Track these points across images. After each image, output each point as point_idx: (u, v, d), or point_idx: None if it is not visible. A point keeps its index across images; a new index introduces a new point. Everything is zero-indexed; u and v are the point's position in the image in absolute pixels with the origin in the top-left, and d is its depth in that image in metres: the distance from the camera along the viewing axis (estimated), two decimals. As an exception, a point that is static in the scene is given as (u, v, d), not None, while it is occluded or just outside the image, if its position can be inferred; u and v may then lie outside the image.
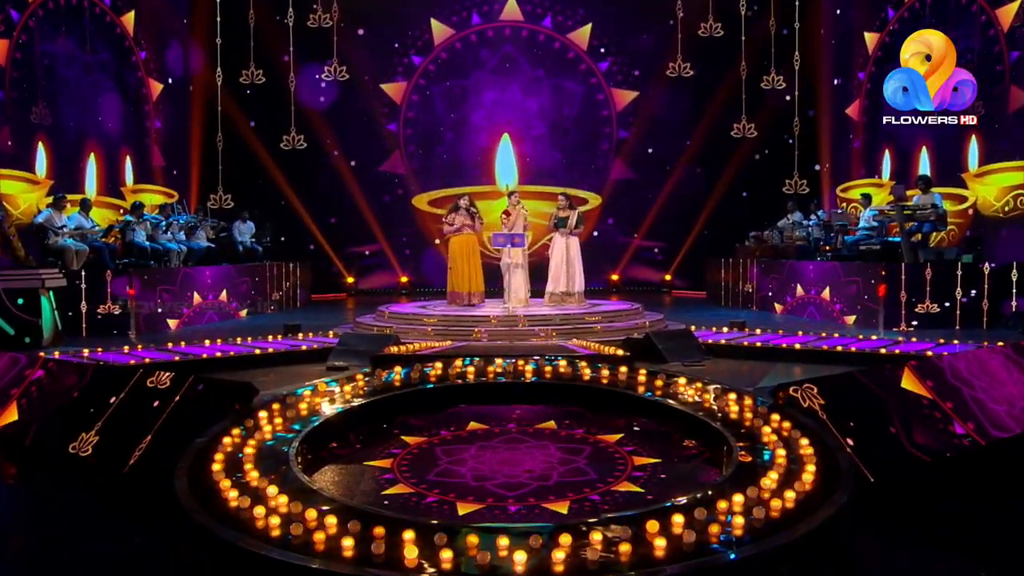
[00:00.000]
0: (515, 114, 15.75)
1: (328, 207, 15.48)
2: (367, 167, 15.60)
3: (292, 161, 14.97)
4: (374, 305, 10.21)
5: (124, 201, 12.14)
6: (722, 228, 14.90)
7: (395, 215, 15.85)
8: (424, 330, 8.21)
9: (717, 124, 15.01)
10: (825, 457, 3.52)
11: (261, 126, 14.97)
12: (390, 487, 3.71)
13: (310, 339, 8.00)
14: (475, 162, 15.84)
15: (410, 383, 5.01)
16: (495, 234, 8.98)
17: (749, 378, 5.94)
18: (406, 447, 4.27)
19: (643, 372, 5.04)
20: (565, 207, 9.50)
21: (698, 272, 14.99)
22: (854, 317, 9.75)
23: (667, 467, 3.94)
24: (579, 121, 15.79)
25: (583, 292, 9.55)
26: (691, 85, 15.06)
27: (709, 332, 8.18)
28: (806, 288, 10.86)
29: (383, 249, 15.92)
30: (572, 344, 7.43)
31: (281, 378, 6.14)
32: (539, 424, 4.69)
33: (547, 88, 15.72)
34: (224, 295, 11.23)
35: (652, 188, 15.63)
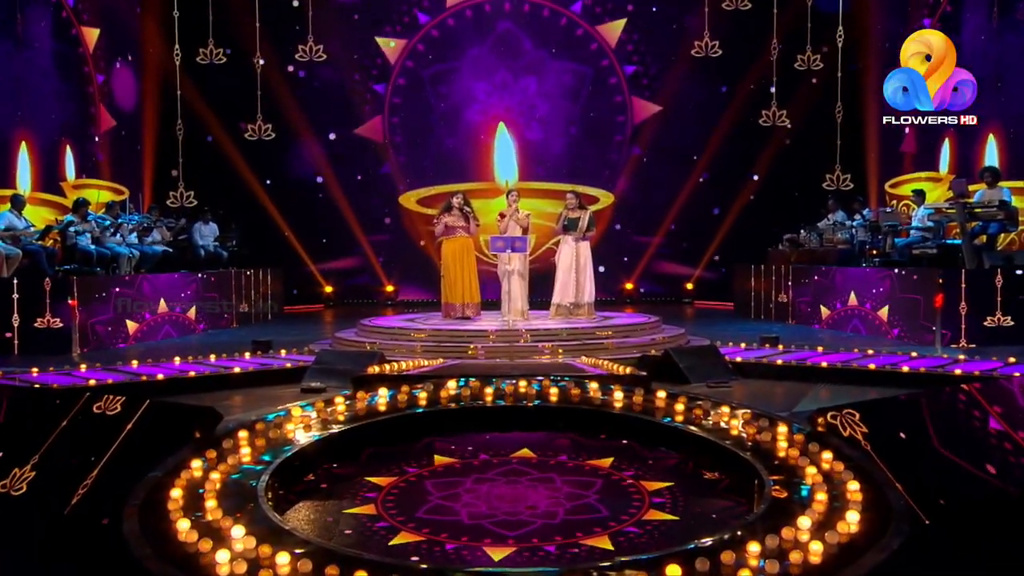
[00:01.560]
0: (515, 100, 15.81)
1: (304, 206, 15.53)
2: (347, 161, 15.65)
3: (262, 153, 15.03)
4: (355, 318, 10.22)
5: (64, 198, 12.18)
6: (752, 230, 14.91)
7: (379, 215, 15.90)
8: (412, 347, 8.22)
9: (744, 110, 15.05)
10: (872, 494, 3.52)
11: (226, 113, 15.03)
12: (373, 525, 3.71)
13: (282, 357, 8.00)
14: (470, 155, 15.90)
15: (397, 407, 5.02)
16: (493, 237, 8.99)
17: (783, 402, 5.94)
18: (392, 480, 4.26)
19: (662, 395, 5.04)
20: (575, 207, 9.51)
21: (725, 280, 15.02)
22: (906, 332, 9.76)
23: (690, 503, 3.94)
24: (589, 107, 15.86)
25: (593, 303, 9.57)
26: (717, 66, 15.12)
27: (737, 349, 8.17)
28: (849, 298, 10.88)
29: (366, 254, 15.97)
30: (581, 363, 7.44)
31: (249, 402, 6.14)
32: (543, 454, 4.69)
33: (552, 70, 15.79)
34: (183, 307, 11.26)
35: (672, 184, 15.67)
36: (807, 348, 8.16)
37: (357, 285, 16.12)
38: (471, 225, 9.40)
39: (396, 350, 8.13)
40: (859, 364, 7.09)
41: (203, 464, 3.92)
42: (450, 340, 8.31)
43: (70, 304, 9.21)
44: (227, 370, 7.12)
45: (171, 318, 10.96)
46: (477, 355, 7.92)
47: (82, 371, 7.17)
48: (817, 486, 3.60)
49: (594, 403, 5.09)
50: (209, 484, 3.68)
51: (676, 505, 3.92)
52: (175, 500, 3.51)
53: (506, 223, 9.39)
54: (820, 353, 7.82)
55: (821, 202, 13.45)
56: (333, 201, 15.57)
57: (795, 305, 12.20)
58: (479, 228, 9.73)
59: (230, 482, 3.78)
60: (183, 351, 8.39)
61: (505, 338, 8.26)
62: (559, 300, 9.49)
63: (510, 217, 9.36)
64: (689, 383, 6.58)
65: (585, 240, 9.49)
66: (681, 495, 4.04)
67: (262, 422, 4.56)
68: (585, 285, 9.42)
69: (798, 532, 3.16)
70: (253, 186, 15.18)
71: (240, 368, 7.21)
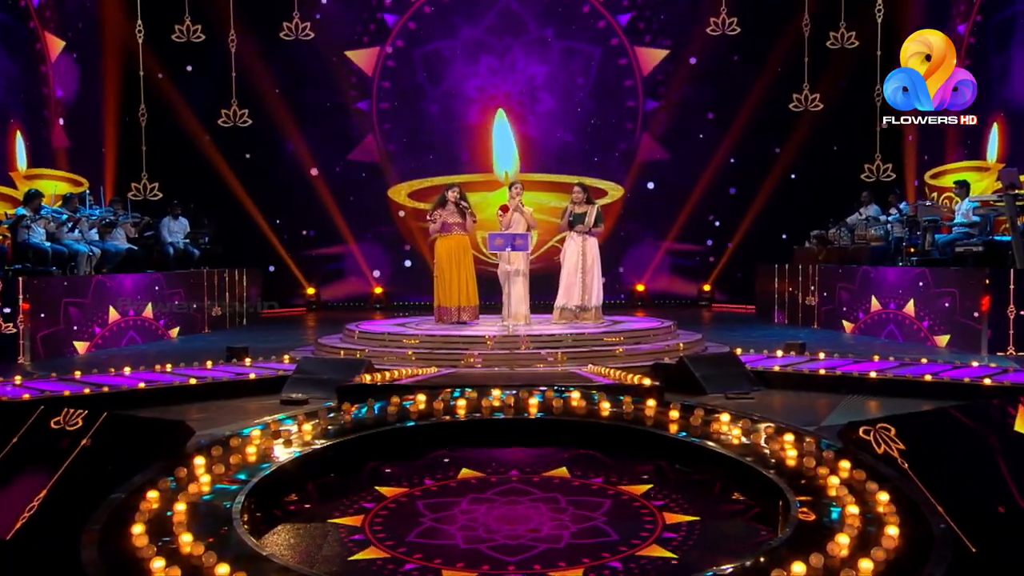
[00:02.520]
0: (516, 84, 15.84)
1: (284, 200, 15.55)
2: (331, 148, 15.67)
3: (237, 142, 15.05)
4: (341, 323, 10.25)
5: (15, 190, 12.17)
6: (776, 226, 14.93)
7: (367, 210, 15.92)
8: (403, 354, 8.24)
9: (772, 94, 15.07)
10: (911, 518, 3.52)
11: (198, 97, 15.04)
12: (360, 551, 3.72)
13: (260, 365, 8.02)
14: (466, 144, 15.92)
15: (386, 420, 5.02)
16: (492, 234, 9.01)
17: (810, 415, 5.94)
18: (381, 500, 4.28)
19: (676, 407, 5.05)
20: (581, 200, 9.54)
21: (746, 281, 15.04)
22: (947, 337, 9.76)
23: (707, 526, 3.95)
24: (597, 92, 15.88)
25: (601, 307, 9.59)
26: (738, 46, 15.14)
27: (760, 356, 8.18)
28: (884, 301, 10.88)
29: (352, 253, 15.98)
30: (587, 372, 7.46)
31: (223, 415, 6.15)
32: (546, 471, 4.70)
33: (556, 51, 15.83)
34: (149, 310, 11.26)
35: (688, 176, 15.70)
36: (837, 356, 8.16)
37: (342, 287, 16.13)
38: (468, 221, 9.41)
39: (385, 358, 8.15)
40: (895, 374, 7.09)
41: (171, 484, 3.92)
42: (445, 347, 8.33)
43: (21, 307, 9.22)
44: (198, 380, 7.12)
45: (136, 323, 10.96)
46: (474, 363, 7.95)
47: (34, 382, 7.16)
48: (849, 508, 3.60)
49: (602, 416, 5.10)
50: (178, 506, 3.68)
51: (692, 528, 3.93)
52: (140, 524, 3.50)
53: (508, 218, 9.39)
54: (851, 361, 7.82)
55: (853, 195, 13.44)
56: (316, 195, 15.60)
57: (823, 308, 12.21)
58: (476, 224, 9.75)
59: (202, 504, 3.79)
60: (149, 359, 8.40)
61: (505, 345, 8.28)
62: (564, 303, 9.50)
63: (513, 210, 9.37)
64: (706, 394, 6.59)
65: (592, 237, 9.50)
66: (698, 517, 4.04)
67: (237, 437, 4.56)
68: (592, 287, 9.43)
69: (828, 559, 3.16)
70: (228, 178, 15.20)
71: (213, 378, 7.22)
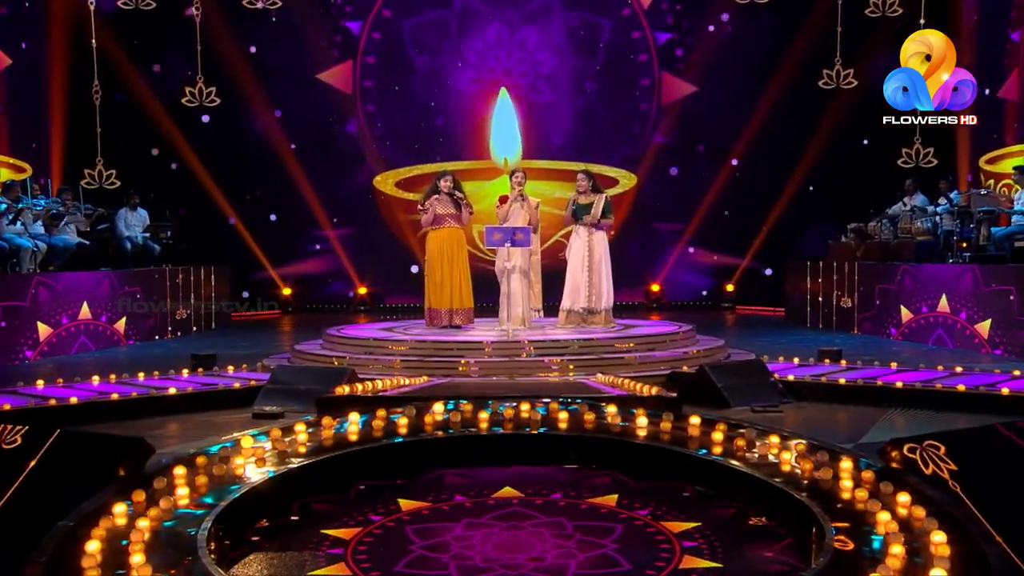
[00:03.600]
0: (518, 60, 15.84)
1: (256, 189, 15.54)
2: (310, 133, 15.67)
3: (204, 123, 15.03)
4: (320, 327, 10.24)
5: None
6: (809, 218, 14.91)
7: (350, 202, 15.91)
8: (390, 361, 8.24)
9: (800, 70, 15.02)
10: (963, 548, 3.50)
11: (159, 72, 14.98)
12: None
13: (229, 375, 8.01)
14: (462, 127, 15.92)
15: (371, 436, 5.02)
16: (489, 228, 9.00)
17: (848, 431, 5.94)
18: (366, 525, 4.27)
19: (696, 421, 5.05)
20: (586, 190, 9.54)
21: (774, 280, 15.05)
22: (1006, 345, 9.75)
23: (730, 556, 3.94)
24: (607, 69, 15.88)
25: (611, 309, 9.59)
26: (764, 14, 15.13)
27: (790, 365, 8.18)
28: (932, 303, 10.88)
29: (333, 249, 15.98)
30: (596, 382, 7.46)
31: (187, 430, 6.15)
32: (551, 493, 4.70)
33: (561, 23, 15.84)
34: (105, 313, 11.25)
35: (709, 162, 15.70)
36: (878, 364, 8.15)
37: (322, 287, 16.14)
38: (463, 213, 9.39)
39: (370, 366, 8.14)
40: (944, 384, 7.07)
41: (129, 509, 3.91)
42: (436, 354, 8.33)
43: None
44: (160, 391, 7.11)
45: (88, 327, 10.95)
46: (469, 372, 7.94)
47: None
48: (892, 536, 3.58)
49: (613, 431, 5.10)
50: (136, 534, 3.67)
51: (713, 557, 3.92)
52: (92, 555, 3.48)
53: (506, 210, 9.38)
54: (894, 370, 7.80)
55: (896, 183, 13.41)
56: (293, 183, 15.60)
57: (862, 310, 12.21)
58: (472, 217, 9.73)
59: (163, 531, 3.78)
60: (104, 368, 8.38)
61: (504, 351, 8.28)
62: (570, 305, 9.50)
63: (512, 200, 9.36)
64: (729, 407, 6.58)
65: (600, 231, 9.50)
66: (719, 545, 4.04)
67: (204, 455, 4.57)
68: (601, 287, 9.43)
69: (869, 593, 3.15)
70: (193, 164, 15.17)
71: (176, 389, 7.21)
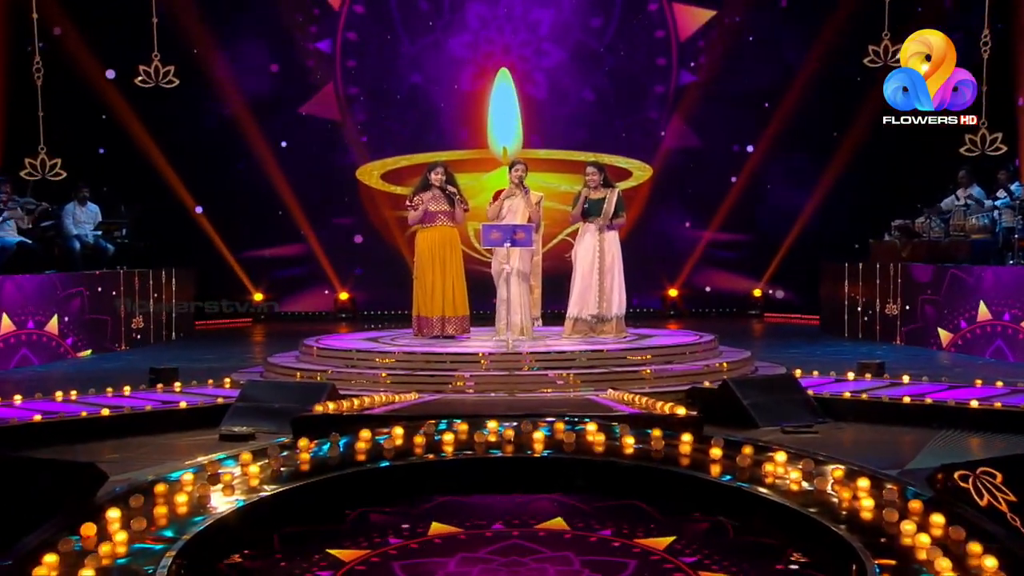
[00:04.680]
0: (518, 36, 15.86)
1: (224, 181, 15.52)
2: (285, 119, 15.67)
3: (162, 107, 14.96)
4: (297, 337, 10.21)
5: None
6: (848, 214, 14.86)
7: (330, 196, 15.91)
8: (376, 375, 8.23)
9: (842, 46, 14.97)
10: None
11: (108, 49, 14.90)
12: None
13: (192, 391, 7.98)
14: (455, 113, 15.93)
15: (354, 460, 5.01)
16: (486, 225, 9.01)
17: (892, 455, 5.92)
18: (341, 566, 4.25)
19: (719, 443, 5.05)
20: (597, 184, 9.53)
21: (808, 284, 15.00)
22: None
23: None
24: (619, 45, 15.89)
25: (623, 317, 9.60)
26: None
27: (826, 380, 8.17)
28: (990, 309, 10.89)
29: (311, 250, 15.97)
30: (607, 398, 7.45)
31: (145, 455, 6.12)
32: (554, 524, 4.69)
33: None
34: (50, 321, 11.24)
35: (735, 150, 15.68)
36: (926, 379, 8.11)
37: (298, 291, 16.12)
38: (456, 210, 9.40)
39: (353, 381, 8.14)
40: (1004, 403, 7.01)
41: (76, 545, 3.86)
42: (427, 367, 8.33)
43: None
44: (114, 410, 7.06)
45: (31, 338, 10.94)
46: (464, 388, 7.93)
47: None
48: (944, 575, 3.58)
49: (625, 454, 5.09)
50: (85, 573, 3.62)
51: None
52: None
53: (498, 206, 9.39)
54: (946, 387, 7.77)
55: (948, 174, 13.17)
56: (265, 175, 15.57)
57: (908, 319, 12.19)
58: (468, 213, 9.75)
59: (116, 569, 3.72)
60: (49, 384, 8.37)
61: (503, 364, 8.27)
62: (577, 312, 9.50)
63: (505, 196, 9.38)
64: (757, 427, 6.59)
65: (612, 230, 9.51)
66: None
67: (163, 483, 4.54)
68: (612, 292, 9.44)
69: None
70: (151, 153, 15.11)
71: (132, 408, 7.17)
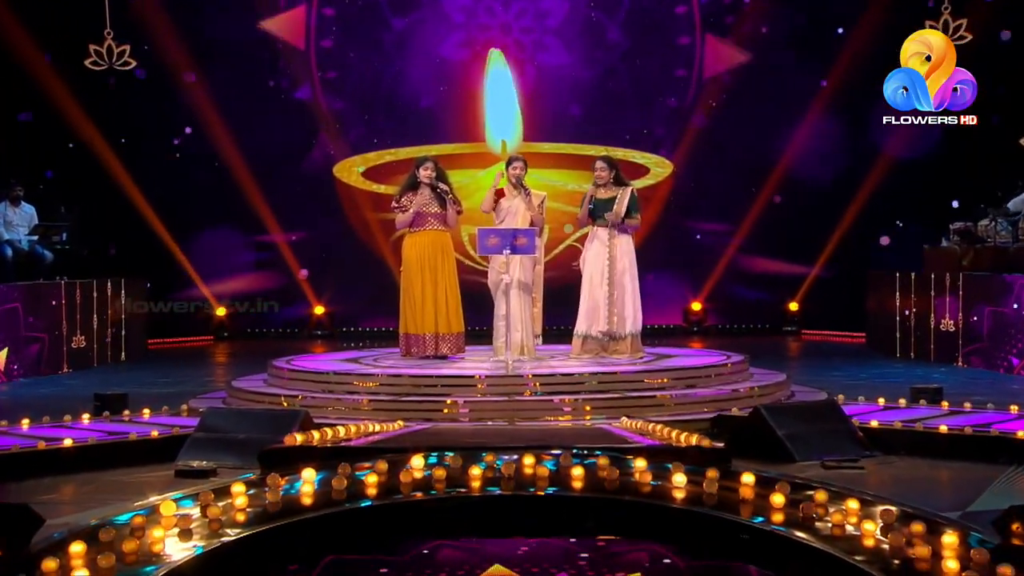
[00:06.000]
0: (518, 13, 15.89)
1: (181, 180, 15.53)
2: (252, 107, 15.70)
3: (114, 94, 14.99)
4: (265, 357, 10.23)
5: None
6: (898, 216, 14.86)
7: (304, 196, 15.94)
8: (356, 401, 8.23)
9: (892, 21, 14.98)
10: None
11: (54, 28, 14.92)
12: None
13: (144, 420, 7.97)
14: (447, 100, 15.95)
15: (330, 499, 5.01)
16: (482, 229, 9.02)
17: (952, 495, 5.91)
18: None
19: (749, 479, 5.04)
20: (607, 181, 9.54)
21: (851, 298, 15.03)
22: None
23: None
24: (633, 24, 15.93)
25: (639, 334, 9.59)
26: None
27: (873, 407, 8.14)
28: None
29: (282, 258, 15.98)
30: (620, 428, 7.44)
31: (89, 494, 6.11)
32: (561, 573, 4.68)
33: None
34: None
35: (766, 143, 15.70)
36: (992, 407, 8.09)
37: (267, 305, 16.08)
38: (449, 212, 9.40)
39: (330, 408, 8.15)
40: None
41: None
42: (415, 392, 8.32)
43: None
44: (51, 443, 7.04)
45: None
46: (457, 415, 7.93)
47: None
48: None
49: (641, 491, 5.08)
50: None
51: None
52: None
53: (489, 199, 9.40)
54: (1014, 416, 7.75)
55: (1017, 170, 13.33)
56: (229, 173, 15.60)
57: (970, 337, 12.17)
58: (461, 216, 9.74)
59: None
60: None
61: (502, 388, 8.26)
62: (586, 329, 9.50)
63: (494, 188, 9.38)
64: (794, 461, 6.58)
65: (625, 234, 9.52)
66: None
67: (110, 527, 4.49)
68: (626, 306, 9.43)
69: None
70: (98, 147, 15.10)
71: (74, 440, 7.14)
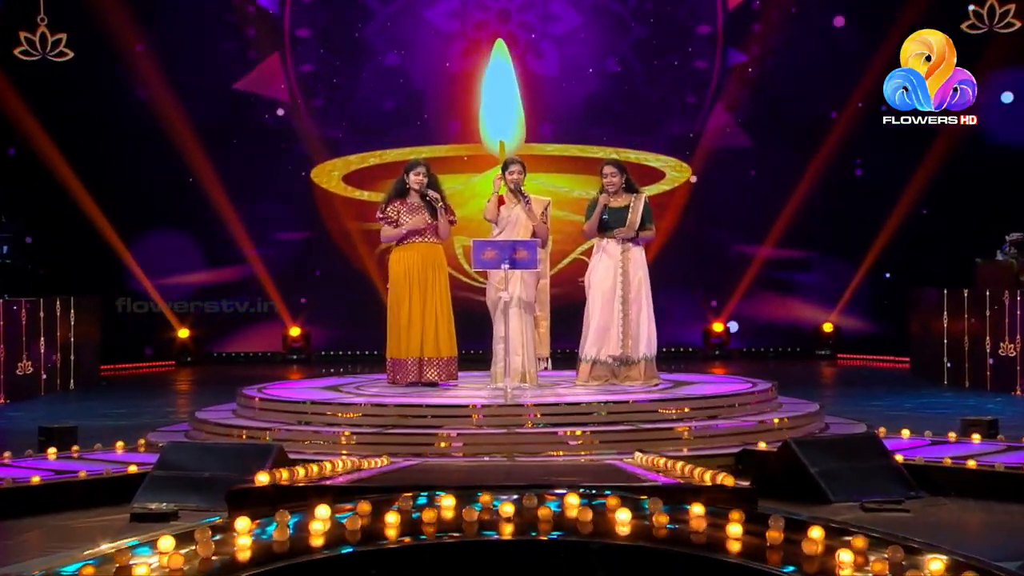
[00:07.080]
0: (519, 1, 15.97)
1: (137, 187, 15.54)
2: (218, 101, 15.73)
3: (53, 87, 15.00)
4: (235, 385, 10.23)
5: None
6: (946, 226, 14.89)
7: (277, 203, 15.96)
8: (336, 435, 8.24)
9: (935, 7, 14.99)
10: None
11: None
12: None
13: (96, 456, 8.01)
14: (439, 97, 16.00)
15: (307, 546, 5.00)
16: (478, 241, 9.02)
17: (1009, 541, 5.92)
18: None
19: (778, 523, 5.04)
20: (618, 188, 9.56)
21: (893, 317, 15.06)
22: None
23: None
24: (650, 12, 15.98)
25: (654, 358, 9.60)
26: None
27: (919, 441, 8.17)
28: None
29: (254, 273, 16.00)
30: (632, 464, 7.44)
31: (32, 542, 6.13)
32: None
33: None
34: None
35: (795, 146, 15.75)
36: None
37: (237, 327, 16.14)
38: (441, 222, 9.43)
39: (307, 442, 8.18)
40: None
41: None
42: (403, 423, 8.34)
43: None
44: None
45: None
46: (450, 450, 7.96)
47: None
48: None
49: (657, 536, 5.08)
50: None
51: None
52: None
53: (492, 206, 9.41)
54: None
55: None
56: (193, 177, 15.63)
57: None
58: (454, 226, 9.76)
59: None
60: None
61: (500, 420, 8.27)
62: (595, 353, 9.51)
63: (496, 195, 9.40)
64: (829, 502, 6.59)
65: (638, 247, 9.53)
66: None
67: None
68: (639, 327, 9.45)
69: None
70: (41, 147, 15.10)
71: (15, 479, 7.15)
